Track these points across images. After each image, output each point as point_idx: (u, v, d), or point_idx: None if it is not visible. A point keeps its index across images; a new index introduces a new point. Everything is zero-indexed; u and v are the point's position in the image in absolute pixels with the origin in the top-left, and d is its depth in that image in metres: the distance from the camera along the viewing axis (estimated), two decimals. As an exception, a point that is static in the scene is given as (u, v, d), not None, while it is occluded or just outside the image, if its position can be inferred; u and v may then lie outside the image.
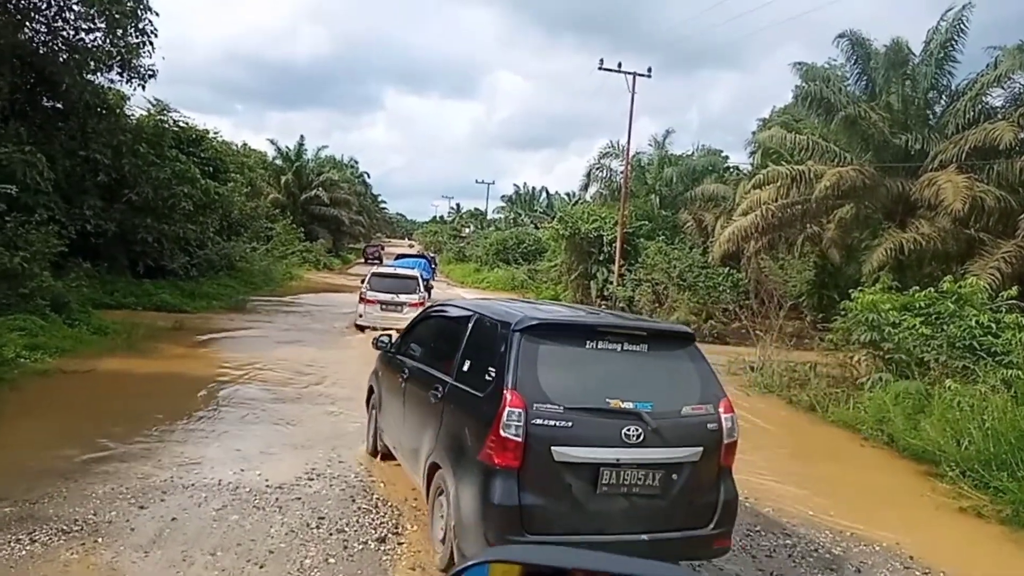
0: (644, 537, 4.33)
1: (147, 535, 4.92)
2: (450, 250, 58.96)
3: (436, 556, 4.85)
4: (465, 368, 4.92)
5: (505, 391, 4.22)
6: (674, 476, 4.42)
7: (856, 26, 20.78)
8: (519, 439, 4.14)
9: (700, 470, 4.53)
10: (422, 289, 16.76)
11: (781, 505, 6.69)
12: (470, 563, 1.25)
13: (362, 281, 17.22)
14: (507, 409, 4.16)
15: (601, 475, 4.23)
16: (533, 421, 4.16)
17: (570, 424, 4.21)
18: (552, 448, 4.17)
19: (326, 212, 49.23)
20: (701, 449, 4.50)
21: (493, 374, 4.45)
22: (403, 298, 15.35)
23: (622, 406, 4.32)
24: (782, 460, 8.73)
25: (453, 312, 5.87)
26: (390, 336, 7.13)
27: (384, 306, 15.32)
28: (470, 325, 5.18)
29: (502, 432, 4.15)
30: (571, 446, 4.19)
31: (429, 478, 5.02)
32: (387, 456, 6.79)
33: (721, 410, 4.69)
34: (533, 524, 4.17)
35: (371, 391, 7.19)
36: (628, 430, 4.25)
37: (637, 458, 4.28)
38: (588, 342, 4.53)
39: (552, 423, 4.19)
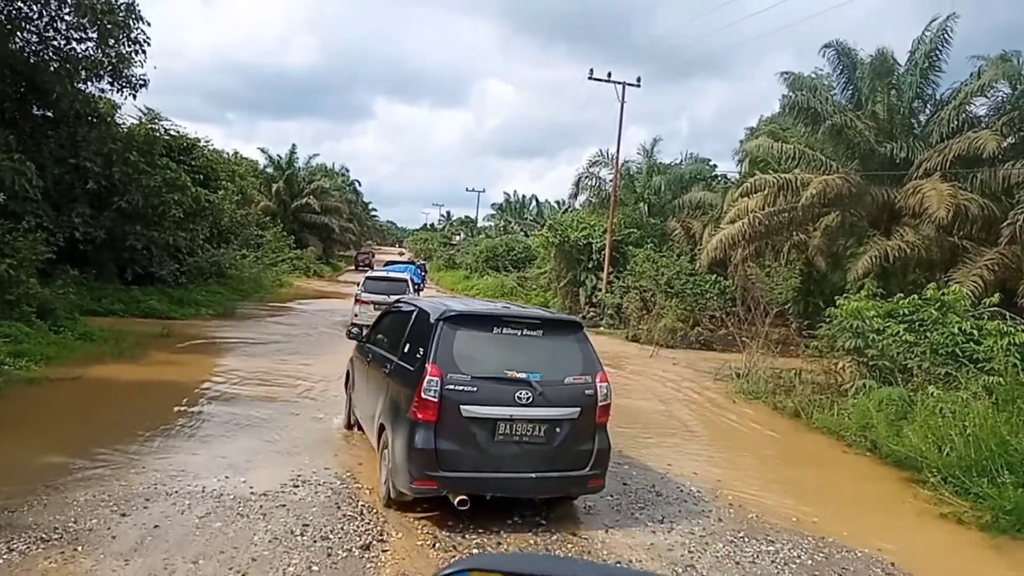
0: (532, 475, 5.68)
1: (128, 543, 4.90)
2: (440, 257, 58.97)
3: (380, 492, 6.13)
4: (406, 350, 6.19)
5: (427, 364, 5.53)
6: (557, 429, 5.73)
7: (844, 35, 21.07)
8: (436, 400, 5.45)
9: (578, 425, 5.79)
10: (411, 291, 17.81)
11: (765, 511, 6.74)
12: (450, 570, 1.20)
13: (358, 285, 18.50)
14: (427, 378, 5.48)
15: (498, 427, 5.56)
16: (447, 387, 5.47)
17: (475, 389, 5.52)
18: (461, 406, 5.48)
19: (317, 220, 49.16)
20: (579, 409, 5.78)
21: (422, 352, 5.73)
22: (394, 299, 16.09)
23: (516, 376, 5.62)
24: (766, 466, 8.79)
25: (404, 308, 7.18)
26: (361, 328, 8.53)
27: (377, 306, 16.08)
28: (412, 317, 6.50)
29: (423, 395, 5.46)
30: (475, 405, 5.50)
31: (379, 436, 6.28)
32: (362, 428, 7.72)
33: (597, 380, 5.92)
34: (446, 463, 5.49)
35: (348, 375, 8.48)
36: (520, 394, 5.56)
37: (526, 415, 5.59)
38: (495, 328, 5.88)
39: (461, 388, 5.50)
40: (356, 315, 16.51)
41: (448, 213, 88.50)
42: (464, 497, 5.53)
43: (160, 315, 17.37)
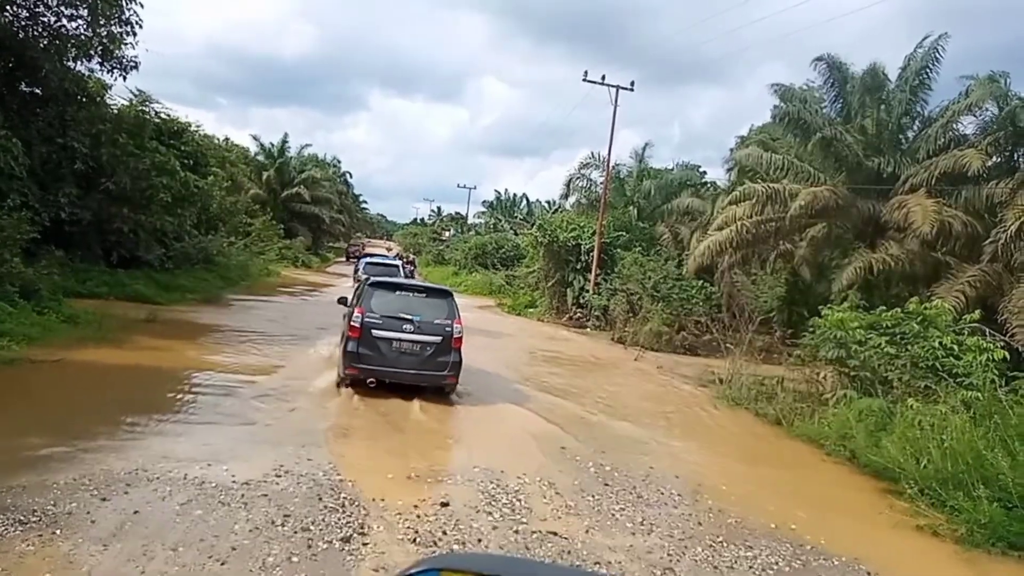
0: (412, 371, 9.74)
1: (108, 528, 4.87)
2: (429, 252, 58.81)
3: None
4: (355, 301, 10.55)
5: (356, 307, 9.93)
6: (427, 348, 9.83)
7: (838, 49, 21.19)
8: (359, 326, 9.69)
9: (440, 346, 9.88)
10: (403, 273, 22.26)
11: (744, 517, 6.79)
12: (419, 568, 1.18)
13: (357, 271, 24.19)
14: (355, 313, 9.86)
15: (392, 343, 9.74)
16: (366, 319, 9.73)
17: (381, 322, 9.77)
18: (372, 330, 9.69)
19: (307, 210, 48.89)
20: (441, 337, 9.88)
21: (356, 301, 10.24)
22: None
23: (405, 316, 9.84)
24: (747, 472, 8.87)
25: (364, 281, 11.15)
26: (347, 297, 12.07)
27: None
28: (363, 284, 10.91)
29: (352, 323, 9.81)
30: (381, 330, 9.73)
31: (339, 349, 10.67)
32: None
33: (454, 323, 10.04)
34: (363, 360, 9.62)
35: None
36: (406, 326, 9.79)
37: (410, 338, 9.78)
38: (397, 291, 10.43)
39: (374, 320, 9.74)
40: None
41: (439, 208, 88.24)
42: (373, 380, 9.80)
43: (145, 299, 17.20)
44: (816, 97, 20.19)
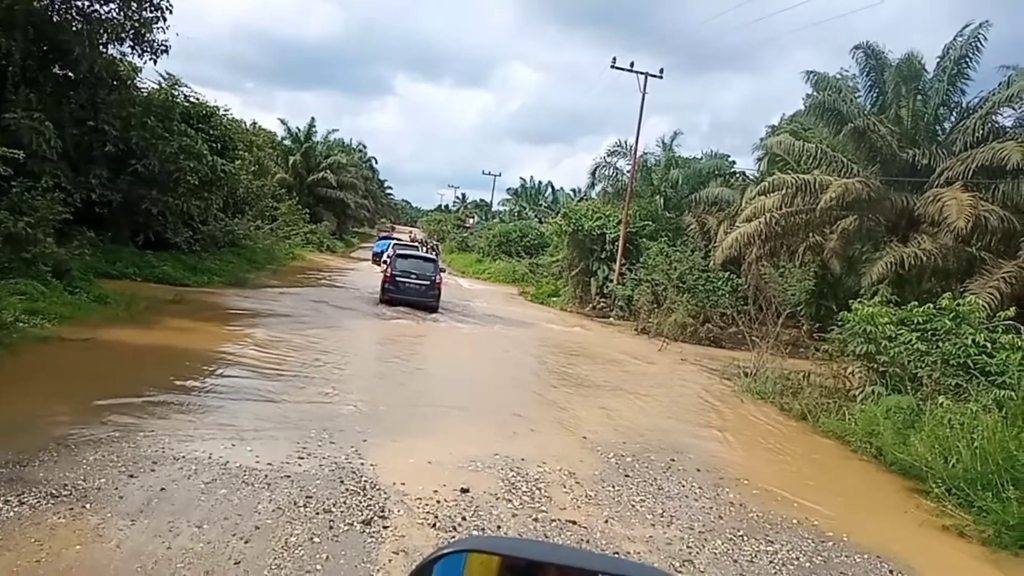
0: (416, 299, 19.23)
1: (135, 504, 4.97)
2: (453, 239, 58.90)
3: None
4: (389, 263, 20.77)
5: (390, 267, 20.27)
6: (422, 287, 19.47)
7: (871, 36, 20.62)
8: (390, 275, 19.72)
9: (429, 286, 19.59)
10: (423, 251, 27.58)
11: (766, 512, 6.74)
12: (448, 550, 1.18)
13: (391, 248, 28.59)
14: (389, 269, 20.22)
15: (405, 283, 19.51)
16: (393, 272, 19.75)
17: (400, 273, 19.69)
18: (396, 276, 19.59)
19: (332, 195, 49.08)
20: (430, 281, 19.66)
21: (390, 263, 20.76)
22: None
23: (412, 271, 19.89)
24: (769, 467, 8.79)
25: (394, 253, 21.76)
26: (387, 260, 21.41)
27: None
28: (393, 254, 21.38)
29: (386, 273, 20.26)
30: (401, 277, 19.59)
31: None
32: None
33: (438, 274, 20.40)
34: (390, 292, 19.40)
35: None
36: (412, 274, 19.74)
37: (415, 281, 19.57)
38: (409, 259, 20.76)
39: (398, 272, 19.68)
40: (388, 260, 25.11)
41: (463, 195, 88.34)
42: (395, 302, 18.89)
43: (173, 281, 17.45)
44: (850, 86, 19.79)
